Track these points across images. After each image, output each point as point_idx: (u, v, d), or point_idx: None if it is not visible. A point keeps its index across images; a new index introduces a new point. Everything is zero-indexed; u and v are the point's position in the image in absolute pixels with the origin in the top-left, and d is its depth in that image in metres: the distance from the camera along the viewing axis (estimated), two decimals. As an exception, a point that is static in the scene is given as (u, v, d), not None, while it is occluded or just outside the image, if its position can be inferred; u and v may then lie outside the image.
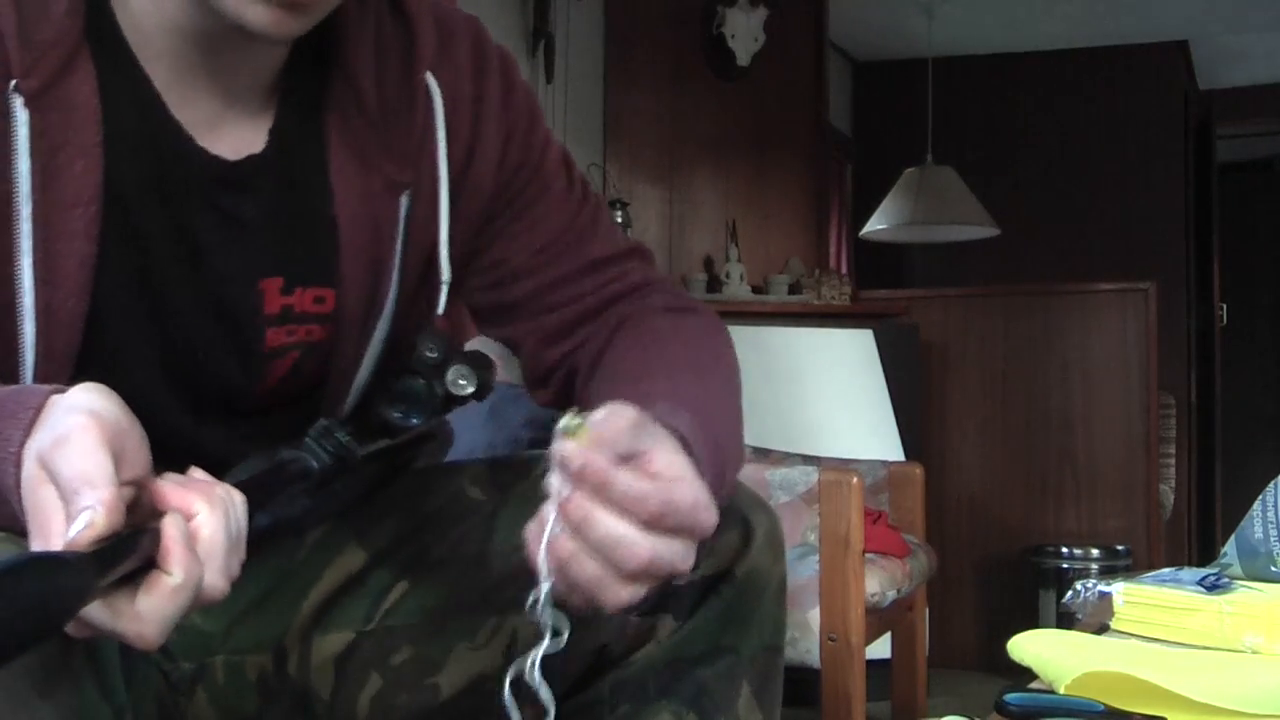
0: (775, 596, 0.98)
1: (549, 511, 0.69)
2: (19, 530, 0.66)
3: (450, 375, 0.88)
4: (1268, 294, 7.15)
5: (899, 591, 2.52)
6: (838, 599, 2.24)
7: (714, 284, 4.17)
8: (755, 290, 4.19)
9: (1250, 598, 1.23)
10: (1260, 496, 1.40)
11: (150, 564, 0.62)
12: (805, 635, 2.28)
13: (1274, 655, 1.16)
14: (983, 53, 5.72)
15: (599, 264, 1.00)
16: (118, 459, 0.62)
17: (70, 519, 0.60)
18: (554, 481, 0.69)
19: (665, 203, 4.29)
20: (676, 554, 0.70)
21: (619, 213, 3.90)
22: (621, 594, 0.69)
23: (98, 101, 0.80)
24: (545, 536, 0.68)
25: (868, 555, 2.36)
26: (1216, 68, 5.98)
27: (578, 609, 0.70)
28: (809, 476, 2.60)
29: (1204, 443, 5.85)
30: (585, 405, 0.95)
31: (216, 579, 0.64)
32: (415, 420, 0.88)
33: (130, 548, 0.60)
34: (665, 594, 0.92)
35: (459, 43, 0.95)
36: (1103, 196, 5.59)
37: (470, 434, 0.97)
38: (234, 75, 0.85)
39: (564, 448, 0.68)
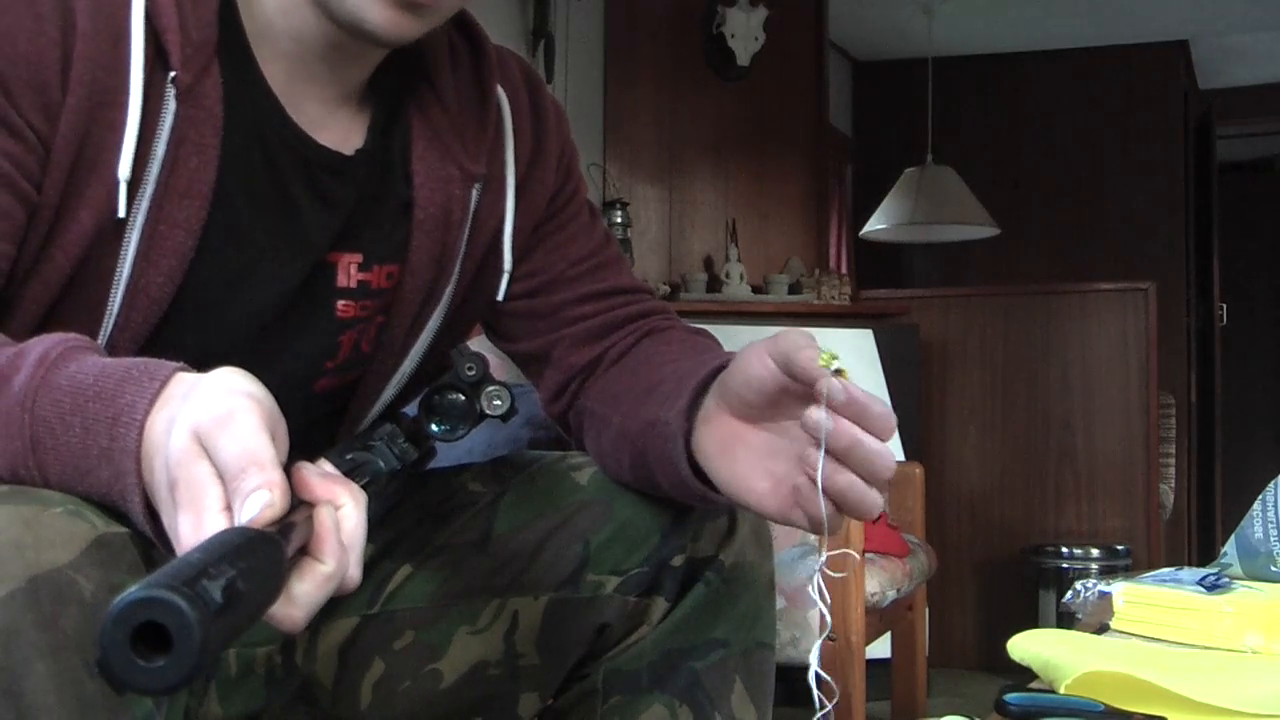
0: (765, 591, 1.01)
1: (816, 455, 0.75)
2: (87, 491, 0.67)
3: (487, 394, 0.94)
4: (1268, 294, 7.15)
5: (899, 591, 2.52)
6: (838, 599, 2.24)
7: (714, 284, 4.16)
8: (755, 290, 4.18)
9: (1250, 598, 1.23)
10: (1260, 496, 1.41)
11: (301, 550, 0.62)
12: (805, 635, 2.28)
13: (1274, 655, 1.16)
14: (983, 53, 5.71)
15: (623, 290, 1.08)
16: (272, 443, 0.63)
17: (234, 496, 0.60)
18: (816, 415, 0.75)
19: (665, 203, 4.28)
20: None
21: (619, 213, 3.89)
22: (879, 499, 0.77)
23: (221, 106, 0.85)
24: (820, 496, 0.76)
25: (868, 555, 2.36)
26: (1216, 68, 5.98)
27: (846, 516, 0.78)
28: (809, 476, 2.59)
29: (1204, 443, 5.84)
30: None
31: (355, 570, 0.65)
32: (460, 432, 0.94)
33: (294, 533, 0.61)
34: (658, 575, 0.98)
35: (510, 62, 1.06)
36: (1103, 196, 5.58)
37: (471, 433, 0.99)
38: (343, 78, 0.93)
39: (831, 383, 0.74)
